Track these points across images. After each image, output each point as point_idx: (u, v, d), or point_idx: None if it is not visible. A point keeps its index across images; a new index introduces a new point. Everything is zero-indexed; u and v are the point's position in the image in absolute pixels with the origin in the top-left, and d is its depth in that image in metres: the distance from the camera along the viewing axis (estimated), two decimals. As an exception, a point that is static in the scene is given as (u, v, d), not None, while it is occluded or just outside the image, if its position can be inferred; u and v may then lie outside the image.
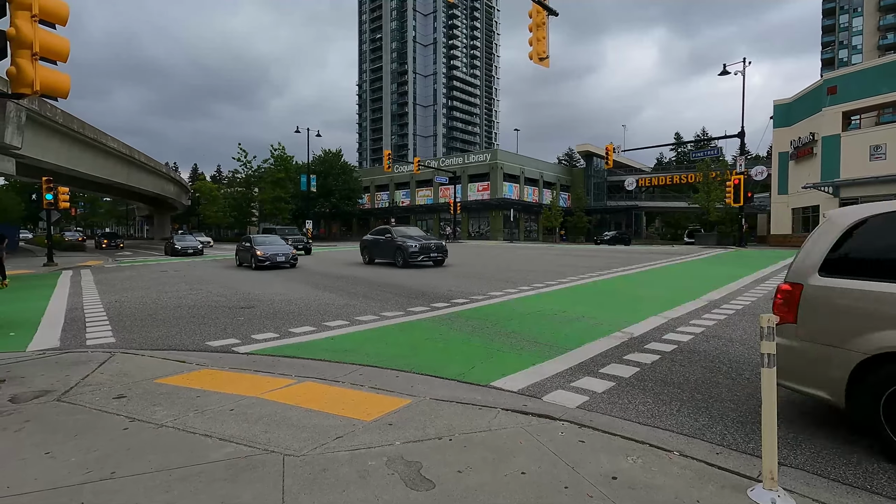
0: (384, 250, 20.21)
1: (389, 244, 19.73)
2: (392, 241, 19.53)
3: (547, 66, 13.14)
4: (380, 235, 21.01)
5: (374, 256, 21.04)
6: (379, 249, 20.60)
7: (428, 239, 20.14)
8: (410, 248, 18.46)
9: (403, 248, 18.60)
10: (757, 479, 2.95)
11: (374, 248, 21.00)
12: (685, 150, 74.35)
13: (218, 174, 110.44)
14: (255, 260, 19.37)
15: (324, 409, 4.23)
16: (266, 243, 20.86)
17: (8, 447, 3.55)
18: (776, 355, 2.90)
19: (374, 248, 21.00)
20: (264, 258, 19.24)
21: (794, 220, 37.57)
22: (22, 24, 4.90)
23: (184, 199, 71.74)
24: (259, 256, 19.23)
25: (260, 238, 21.81)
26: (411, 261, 18.44)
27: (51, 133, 29.97)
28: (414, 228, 22.42)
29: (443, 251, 19.41)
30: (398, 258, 18.92)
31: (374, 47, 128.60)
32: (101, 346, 7.13)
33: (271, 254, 19.57)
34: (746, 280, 13.56)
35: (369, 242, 21.48)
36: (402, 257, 18.64)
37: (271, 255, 19.50)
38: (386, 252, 20.02)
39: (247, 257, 20.56)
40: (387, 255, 20.00)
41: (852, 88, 31.65)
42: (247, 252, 20.59)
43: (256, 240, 21.20)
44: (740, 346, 6.49)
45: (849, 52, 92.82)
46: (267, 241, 21.53)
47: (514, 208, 56.40)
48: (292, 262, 19.98)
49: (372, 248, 21.14)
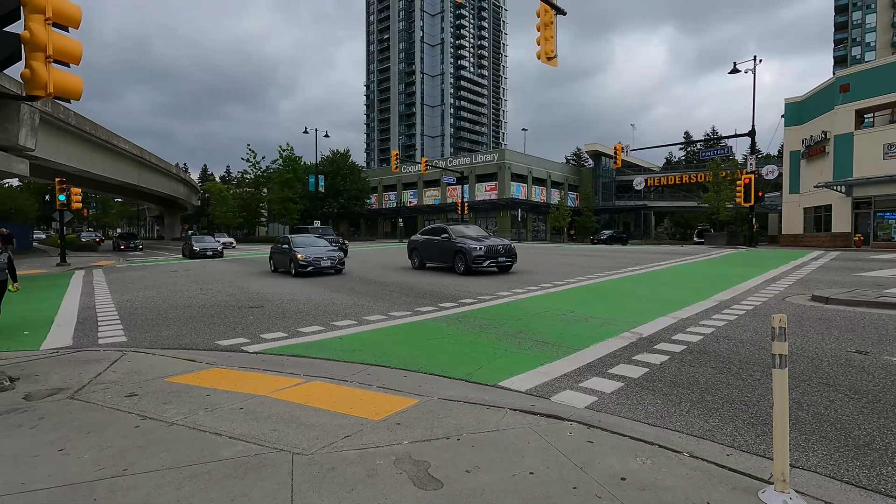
0: (439, 253, 17.32)
1: (446, 246, 16.83)
2: (450, 243, 16.63)
3: (555, 66, 13.09)
4: (433, 235, 18.01)
5: (425, 260, 18.30)
6: (432, 252, 17.79)
7: (493, 240, 17.08)
8: (475, 252, 15.51)
9: (466, 251, 15.71)
10: (768, 481, 2.92)
11: (426, 251, 18.18)
12: (695, 150, 73.76)
13: (227, 175, 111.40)
14: (295, 265, 16.72)
15: (332, 409, 4.24)
16: (307, 245, 18.03)
17: (23, 444, 3.60)
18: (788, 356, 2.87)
19: (426, 250, 18.17)
20: (306, 263, 16.53)
21: (806, 219, 37.10)
22: (36, 27, 4.97)
23: (194, 199, 72.46)
24: (300, 261, 16.54)
25: (299, 239, 18.80)
26: (475, 266, 15.60)
27: (64, 135, 30.39)
28: (473, 227, 18.73)
29: (512, 255, 16.33)
30: (458, 263, 16.06)
31: (381, 48, 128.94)
32: (113, 345, 7.22)
33: (315, 257, 16.75)
34: (757, 280, 13.41)
35: (420, 244, 18.56)
36: (463, 262, 15.80)
37: (315, 258, 16.72)
38: (442, 255, 17.19)
39: (284, 261, 17.90)
40: (443, 258, 17.16)
41: (865, 86, 31.18)
42: (284, 255, 17.89)
43: (295, 241, 18.20)
44: (751, 346, 6.43)
45: (862, 49, 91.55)
46: (307, 242, 18.56)
47: (522, 208, 56.23)
48: (338, 268, 17.19)
49: (423, 251, 18.31)
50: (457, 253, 16.19)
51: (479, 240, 16.43)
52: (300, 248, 17.32)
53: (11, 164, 23.52)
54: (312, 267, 16.59)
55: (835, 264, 18.02)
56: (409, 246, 19.40)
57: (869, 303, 9.00)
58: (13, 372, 5.42)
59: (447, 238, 16.94)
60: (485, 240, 16.62)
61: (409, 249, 19.41)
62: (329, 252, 17.49)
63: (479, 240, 16.43)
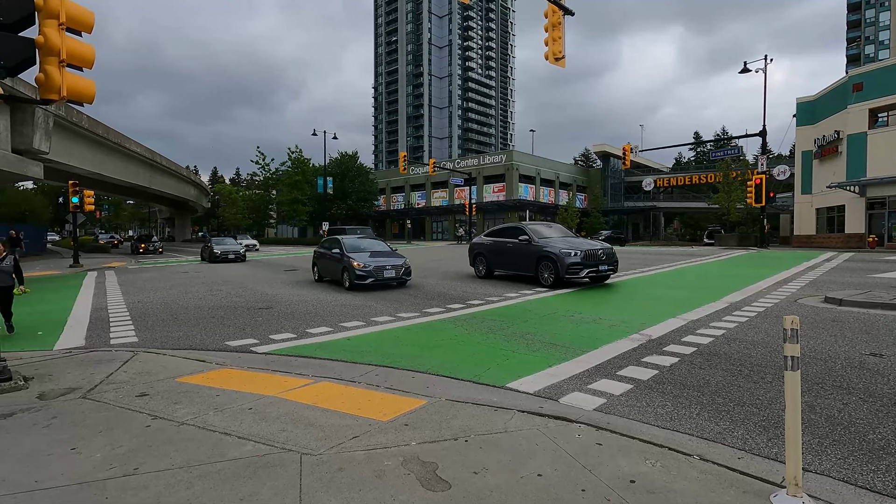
0: (514, 259, 14.10)
1: (525, 251, 13.58)
2: (530, 246, 13.39)
3: (563, 67, 13.06)
4: (506, 238, 14.59)
5: (493, 267, 15.12)
6: (504, 257, 14.54)
7: (587, 242, 13.99)
8: (569, 258, 12.29)
9: (556, 257, 12.40)
10: (780, 485, 2.88)
11: (494, 256, 14.91)
12: (704, 150, 73.14)
13: (237, 177, 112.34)
14: (350, 275, 13.02)
15: (340, 409, 4.26)
16: (362, 249, 14.28)
17: (36, 442, 3.65)
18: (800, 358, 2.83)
19: (495, 254, 14.89)
20: (365, 273, 12.81)
21: (819, 220, 36.62)
22: (50, 32, 5.06)
23: (204, 201, 73.17)
24: (358, 270, 12.84)
25: (351, 241, 14.92)
26: (569, 277, 12.40)
27: (77, 138, 30.84)
28: (556, 226, 15.29)
29: (614, 262, 13.11)
30: (544, 272, 12.80)
31: (389, 50, 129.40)
32: (125, 346, 7.30)
33: (376, 266, 12.99)
34: (769, 282, 13.26)
35: (487, 248, 15.22)
36: (552, 271, 12.52)
37: (376, 267, 12.95)
38: (518, 261, 13.93)
39: (333, 270, 14.22)
40: (519, 265, 13.95)
41: (879, 85, 30.74)
42: (335, 263, 14.06)
43: (347, 243, 14.35)
44: (762, 348, 6.35)
45: (875, 47, 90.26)
46: (362, 245, 14.70)
47: (530, 209, 56.14)
48: (403, 279, 13.50)
49: (492, 256, 15.00)
50: (542, 260, 12.92)
51: (570, 242, 13.24)
52: (355, 254, 13.59)
53: (26, 166, 23.89)
54: (373, 279, 12.82)
55: (848, 265, 17.76)
56: (473, 250, 16.07)
57: (884, 305, 8.85)
58: (27, 371, 5.50)
59: (526, 241, 13.59)
60: (576, 242, 13.47)
61: (471, 254, 16.14)
62: (393, 259, 13.62)
63: (570, 242, 13.24)
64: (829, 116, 34.82)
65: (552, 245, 12.95)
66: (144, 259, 30.75)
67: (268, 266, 22.66)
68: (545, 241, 13.31)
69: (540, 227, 14.66)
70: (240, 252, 26.56)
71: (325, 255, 15.13)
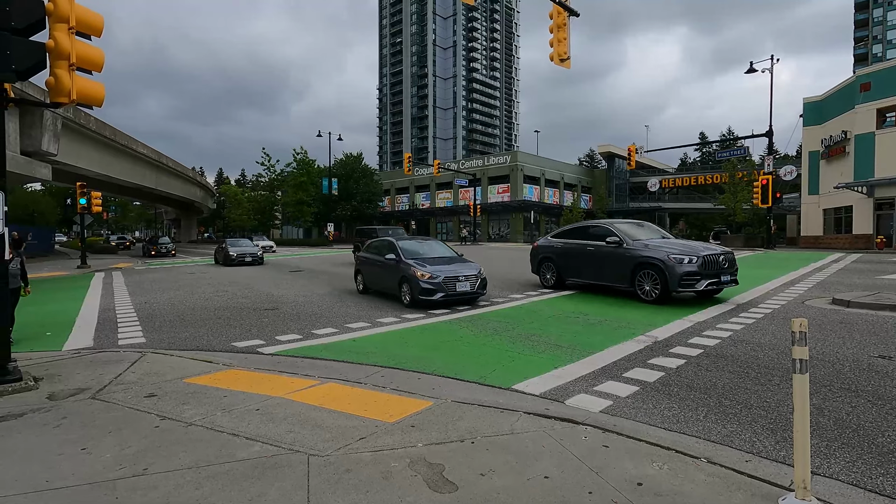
0: (599, 266, 11.19)
1: (616, 257, 10.68)
2: (623, 251, 10.55)
3: (568, 68, 13.05)
4: (586, 240, 11.69)
5: (567, 274, 12.26)
6: (583, 264, 11.66)
7: (703, 246, 10.64)
8: (682, 267, 9.49)
9: (665, 265, 9.63)
10: (789, 489, 2.87)
11: (568, 261, 12.06)
12: (710, 150, 72.77)
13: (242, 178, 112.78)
14: (412, 288, 10.13)
15: (347, 410, 4.27)
16: (423, 254, 11.43)
17: (47, 443, 3.69)
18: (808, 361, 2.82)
19: (569, 260, 12.05)
20: (433, 286, 9.92)
21: (826, 221, 36.35)
22: (60, 36, 5.11)
23: (209, 202, 73.57)
24: (424, 282, 9.95)
25: (409, 244, 12.11)
26: (683, 289, 9.65)
27: (84, 140, 31.10)
28: (648, 225, 12.33)
29: (735, 269, 10.37)
30: (644, 283, 10.06)
31: (394, 51, 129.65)
32: (133, 346, 7.36)
33: (446, 277, 10.03)
34: (776, 283, 13.18)
35: (558, 252, 12.34)
36: (658, 281, 9.74)
37: (446, 279, 10.01)
38: (606, 269, 11.03)
39: (388, 280, 11.25)
40: (607, 274, 11.04)
41: (887, 84, 30.50)
42: (389, 271, 11.14)
43: (405, 247, 11.51)
44: (770, 350, 6.32)
45: (883, 46, 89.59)
46: (422, 249, 11.88)
47: (535, 210, 56.00)
48: (478, 293, 10.48)
49: (563, 261, 12.18)
50: (642, 268, 10.12)
51: (680, 246, 10.32)
52: (417, 262, 10.64)
53: (35, 168, 24.13)
54: (443, 294, 9.88)
55: (856, 267, 17.62)
56: (538, 254, 13.10)
57: (892, 307, 8.78)
58: (37, 372, 5.55)
59: (616, 243, 10.75)
60: (686, 245, 10.54)
61: (536, 259, 13.18)
62: (464, 268, 10.58)
63: (680, 246, 10.32)
64: (837, 116, 34.58)
65: (656, 249, 10.06)
66: (150, 261, 30.87)
67: (274, 267, 22.74)
68: (642, 244, 10.44)
69: (627, 226, 11.63)
70: (257, 254, 24.40)
71: (375, 261, 12.03)
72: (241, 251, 23.98)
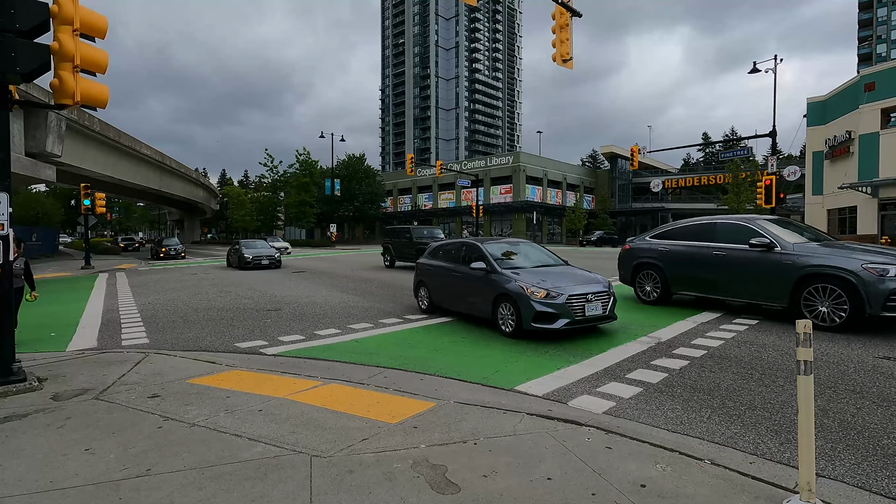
0: (734, 277, 8.57)
1: (765, 266, 8.07)
2: (776, 259, 7.94)
3: (571, 68, 13.03)
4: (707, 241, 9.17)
5: (677, 285, 9.69)
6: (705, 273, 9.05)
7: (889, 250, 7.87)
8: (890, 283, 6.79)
9: (863, 280, 6.92)
10: (793, 490, 2.85)
11: (678, 270, 9.57)
12: (713, 151, 72.63)
13: (245, 179, 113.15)
14: (523, 310, 7.10)
15: (349, 411, 4.28)
16: (521, 262, 8.50)
17: (51, 443, 3.71)
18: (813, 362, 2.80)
19: (679, 268, 9.56)
20: (554, 308, 6.99)
21: (830, 221, 36.20)
22: (64, 38, 5.14)
23: (213, 203, 73.76)
24: (538, 303, 7.00)
25: (500, 247, 8.86)
26: (888, 312, 6.84)
27: (89, 141, 31.22)
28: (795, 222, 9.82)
29: None
30: (817, 302, 7.42)
31: (396, 52, 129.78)
32: (136, 347, 7.38)
33: (570, 296, 7.08)
34: (779, 284, 13.11)
35: (663, 256, 9.83)
36: (848, 300, 7.06)
37: (572, 297, 7.09)
38: (743, 281, 8.44)
39: (476, 297, 8.24)
40: (745, 288, 8.47)
41: (892, 84, 30.37)
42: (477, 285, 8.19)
43: (495, 252, 8.51)
44: (773, 351, 6.29)
45: (887, 46, 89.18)
46: (519, 253, 8.84)
47: (537, 211, 55.93)
48: (611, 316, 7.57)
49: (672, 269, 9.66)
50: (809, 280, 7.52)
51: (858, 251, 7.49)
52: (518, 273, 7.76)
53: (39, 170, 24.22)
54: (567, 321, 7.01)
55: (860, 267, 17.51)
56: (631, 258, 10.56)
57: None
58: (41, 372, 5.57)
59: (762, 248, 8.15)
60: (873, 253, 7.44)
61: (626, 265, 10.67)
62: (590, 282, 7.60)
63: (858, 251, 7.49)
64: (841, 116, 34.44)
65: (834, 256, 7.40)
66: (154, 262, 30.96)
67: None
68: (806, 250, 7.78)
69: (770, 224, 8.65)
70: (274, 257, 22.64)
71: (449, 271, 9.16)
72: (258, 253, 22.34)
